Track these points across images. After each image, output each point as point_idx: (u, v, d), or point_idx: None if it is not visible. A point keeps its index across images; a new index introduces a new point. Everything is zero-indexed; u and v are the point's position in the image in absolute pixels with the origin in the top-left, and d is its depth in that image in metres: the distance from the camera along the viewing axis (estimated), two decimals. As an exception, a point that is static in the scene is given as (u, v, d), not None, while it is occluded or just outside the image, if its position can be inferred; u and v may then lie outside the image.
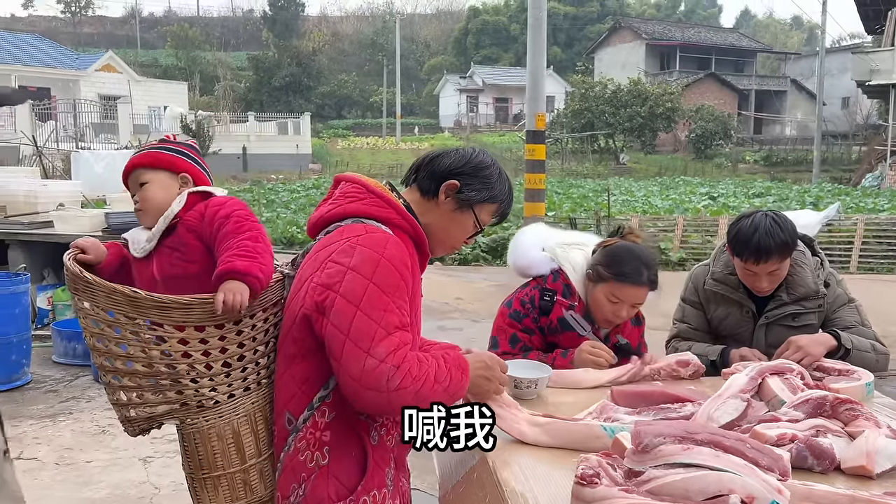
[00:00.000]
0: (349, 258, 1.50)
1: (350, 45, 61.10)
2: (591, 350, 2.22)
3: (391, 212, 1.61)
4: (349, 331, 1.45)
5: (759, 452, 1.38)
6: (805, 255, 2.50)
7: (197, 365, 1.58)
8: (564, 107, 38.41)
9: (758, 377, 1.86)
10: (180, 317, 1.55)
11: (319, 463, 1.55)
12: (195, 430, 1.62)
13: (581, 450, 1.57)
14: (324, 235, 1.63)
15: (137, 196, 1.85)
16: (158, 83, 36.46)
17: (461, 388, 1.57)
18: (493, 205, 1.72)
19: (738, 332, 2.54)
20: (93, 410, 4.65)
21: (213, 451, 1.62)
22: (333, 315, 1.47)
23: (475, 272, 10.51)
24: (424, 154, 1.78)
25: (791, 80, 44.18)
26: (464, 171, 1.68)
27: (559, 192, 21.22)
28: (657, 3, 66.75)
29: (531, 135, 10.84)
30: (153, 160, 1.87)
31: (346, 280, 1.48)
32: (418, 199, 1.70)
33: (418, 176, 1.72)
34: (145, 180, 1.84)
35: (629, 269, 2.22)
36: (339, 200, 1.66)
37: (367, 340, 1.44)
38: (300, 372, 1.57)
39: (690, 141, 35.93)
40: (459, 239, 1.74)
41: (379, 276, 1.49)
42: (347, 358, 1.44)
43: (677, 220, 12.27)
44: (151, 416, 1.63)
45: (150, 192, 1.83)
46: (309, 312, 1.52)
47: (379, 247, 1.52)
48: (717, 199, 19.17)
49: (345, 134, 44.43)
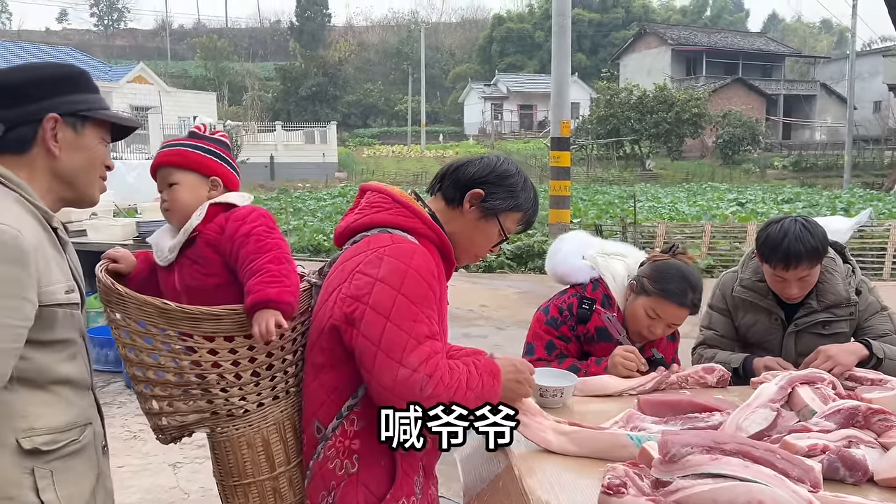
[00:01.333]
0: (377, 269, 1.51)
1: (375, 54, 61.58)
2: (624, 355, 2.19)
3: (417, 222, 1.62)
4: (380, 342, 1.46)
5: (790, 463, 1.36)
6: (836, 263, 2.46)
7: (227, 374, 1.60)
8: (589, 113, 38.22)
9: (787, 386, 1.83)
10: (210, 327, 1.57)
11: (349, 471, 1.56)
12: (226, 439, 1.64)
13: (607, 459, 1.57)
14: (350, 245, 1.65)
15: (165, 195, 1.79)
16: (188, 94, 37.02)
17: (494, 393, 1.57)
18: (518, 213, 1.72)
19: (767, 339, 2.51)
20: (124, 416, 4.72)
21: (244, 459, 1.64)
22: (364, 326, 1.48)
23: (500, 279, 10.49)
24: (449, 163, 1.78)
25: (821, 84, 43.48)
26: (488, 180, 1.68)
27: (584, 198, 21.11)
28: (682, 8, 66.30)
29: (556, 142, 10.83)
30: (183, 160, 1.79)
31: (375, 292, 1.49)
32: (443, 207, 1.70)
33: (443, 185, 1.73)
34: (174, 181, 1.78)
35: (674, 288, 2.21)
36: (366, 210, 1.67)
37: (399, 351, 1.45)
38: (329, 381, 1.59)
39: (718, 146, 35.53)
40: (484, 247, 1.74)
41: (407, 287, 1.50)
42: (380, 369, 1.46)
43: (705, 227, 12.14)
44: (182, 424, 1.65)
45: (179, 194, 1.78)
46: (338, 323, 1.53)
47: (406, 257, 1.53)
48: (746, 205, 18.91)
49: (370, 142, 44.72)
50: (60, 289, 1.43)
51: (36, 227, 1.42)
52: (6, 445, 1.39)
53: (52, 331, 1.43)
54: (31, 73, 1.50)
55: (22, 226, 1.37)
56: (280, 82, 48.24)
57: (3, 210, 1.38)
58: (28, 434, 1.40)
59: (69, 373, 1.49)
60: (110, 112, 1.56)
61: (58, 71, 1.52)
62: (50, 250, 1.44)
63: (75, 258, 1.57)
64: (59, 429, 1.45)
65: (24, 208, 1.42)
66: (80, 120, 1.50)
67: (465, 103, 51.81)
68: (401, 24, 66.68)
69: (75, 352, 1.51)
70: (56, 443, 1.44)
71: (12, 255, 1.33)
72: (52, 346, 1.45)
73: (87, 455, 1.52)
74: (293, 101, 45.92)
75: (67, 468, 1.46)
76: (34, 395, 1.43)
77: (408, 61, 53.37)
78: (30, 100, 1.47)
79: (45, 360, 1.44)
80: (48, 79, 1.50)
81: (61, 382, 1.47)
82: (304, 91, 46.21)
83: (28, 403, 1.42)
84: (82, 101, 1.51)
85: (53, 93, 1.49)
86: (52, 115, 1.46)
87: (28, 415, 1.41)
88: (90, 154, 1.53)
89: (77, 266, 1.56)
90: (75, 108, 1.50)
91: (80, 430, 1.50)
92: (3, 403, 1.39)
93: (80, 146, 1.51)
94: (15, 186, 1.43)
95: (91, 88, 1.55)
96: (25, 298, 1.34)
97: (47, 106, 1.47)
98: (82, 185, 1.54)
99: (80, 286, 1.54)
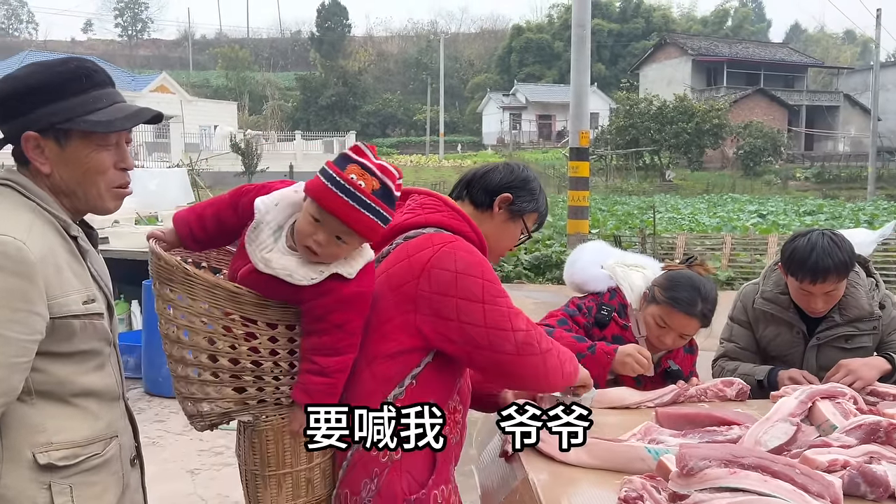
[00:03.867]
0: (453, 263, 1.61)
1: (395, 64, 61.98)
2: (634, 352, 2.12)
3: (465, 225, 1.73)
4: (485, 321, 1.59)
5: (809, 478, 1.35)
6: (859, 276, 2.43)
7: (281, 362, 1.59)
8: (609, 123, 38.13)
9: (808, 401, 1.81)
10: (277, 314, 1.57)
11: (392, 457, 1.59)
12: (269, 427, 1.62)
13: (624, 471, 1.56)
14: (403, 241, 1.69)
15: (323, 240, 1.50)
16: (209, 103, 37.51)
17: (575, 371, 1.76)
18: (536, 213, 1.88)
19: (788, 352, 2.48)
20: (143, 423, 4.71)
21: (284, 449, 1.62)
22: (463, 315, 1.59)
23: (517, 290, 10.46)
24: (472, 170, 1.91)
25: (844, 95, 43.04)
26: (514, 185, 1.83)
27: (603, 209, 21.03)
28: (703, 18, 66.00)
29: (574, 152, 10.80)
30: (369, 233, 1.53)
31: (460, 283, 1.59)
32: (472, 211, 1.82)
33: (471, 190, 1.85)
34: (345, 240, 1.52)
35: (684, 297, 2.19)
36: (418, 210, 1.75)
37: (505, 320, 1.61)
38: (382, 370, 1.62)
39: (739, 157, 35.25)
40: (508, 247, 1.89)
41: (486, 273, 1.64)
42: (496, 343, 1.59)
43: (725, 239, 12.03)
44: (226, 411, 1.61)
45: (339, 253, 1.54)
46: (420, 319, 1.60)
47: (473, 252, 1.66)
48: (767, 216, 18.74)
49: (389, 152, 44.92)
50: (76, 299, 1.40)
51: (51, 236, 1.39)
52: (22, 460, 1.37)
53: (69, 342, 1.40)
54: (10, 87, 1.41)
55: (31, 236, 1.34)
56: (300, 92, 48.75)
57: (13, 220, 1.35)
58: (45, 448, 1.38)
59: (94, 384, 1.46)
60: (90, 119, 1.40)
61: (35, 80, 1.40)
62: (66, 260, 1.41)
63: (101, 266, 1.53)
64: (80, 443, 1.42)
65: (41, 217, 1.39)
66: (60, 133, 1.40)
67: (484, 113, 51.90)
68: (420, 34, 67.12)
69: (101, 362, 1.48)
70: (76, 457, 1.41)
71: (16, 268, 1.30)
72: (73, 358, 1.42)
73: (112, 469, 1.49)
74: (313, 111, 46.34)
75: (89, 482, 1.43)
76: (55, 408, 1.40)
77: (427, 71, 53.63)
78: (11, 115, 1.40)
79: (65, 372, 1.41)
80: (26, 90, 1.40)
81: (85, 395, 1.44)
82: (323, 100, 46.62)
83: (48, 417, 1.39)
84: (60, 110, 1.39)
85: (31, 106, 1.39)
86: (27, 135, 1.39)
87: (47, 429, 1.39)
88: (83, 165, 1.43)
89: (103, 275, 1.52)
90: (51, 122, 1.39)
91: (105, 444, 1.47)
92: (21, 417, 1.37)
93: (69, 159, 1.42)
94: (33, 196, 1.41)
95: (77, 89, 1.41)
96: (32, 311, 1.31)
97: (23, 123, 1.39)
98: (84, 197, 1.46)
99: (108, 295, 1.52)
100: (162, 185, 10.91)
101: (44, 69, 1.42)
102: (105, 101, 1.43)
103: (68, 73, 1.41)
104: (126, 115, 1.44)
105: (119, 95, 1.49)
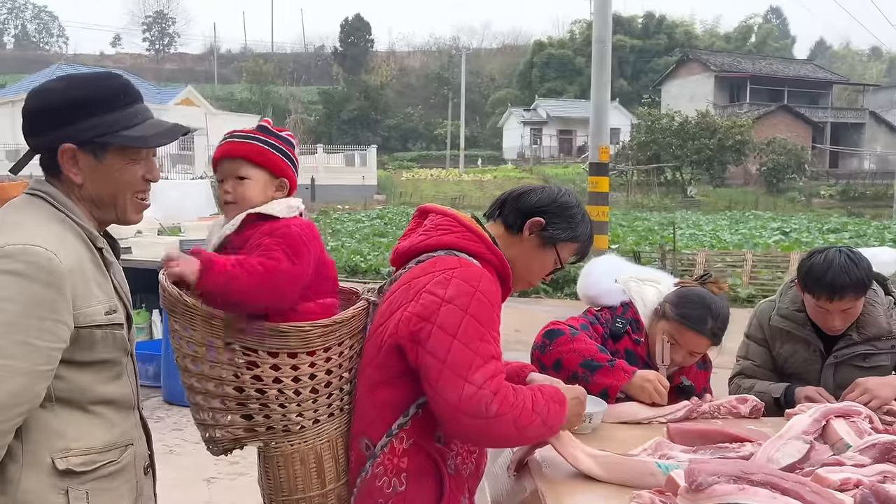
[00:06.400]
0: (444, 290, 1.54)
1: (417, 79, 62.39)
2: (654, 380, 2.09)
3: (481, 246, 1.66)
4: (446, 359, 1.49)
5: (819, 496, 1.34)
6: (878, 294, 2.41)
7: (286, 390, 1.59)
8: (630, 139, 37.99)
9: (822, 419, 1.80)
10: (276, 343, 1.58)
11: (396, 489, 1.58)
12: (279, 454, 1.64)
13: (634, 486, 1.56)
14: (415, 265, 1.66)
15: (230, 187, 1.70)
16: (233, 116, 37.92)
17: (559, 420, 1.60)
18: (575, 244, 1.76)
19: (805, 371, 2.46)
20: (161, 431, 4.81)
21: (295, 475, 1.64)
22: (430, 345, 1.51)
23: (535, 304, 10.43)
24: (511, 189, 1.82)
25: (870, 113, 42.55)
26: (549, 210, 1.72)
27: (624, 224, 20.92)
28: (727, 35, 65.68)
29: (594, 167, 10.81)
30: (258, 156, 1.70)
31: (443, 312, 1.52)
32: (502, 233, 1.74)
33: (503, 210, 1.77)
34: (245, 175, 1.69)
35: (694, 315, 2.18)
36: (431, 232, 1.69)
37: (465, 368, 1.48)
38: (382, 398, 1.61)
39: (762, 174, 34.92)
40: (539, 275, 1.78)
41: (474, 308, 1.53)
42: (444, 385, 1.48)
43: (746, 256, 11.92)
44: (237, 437, 1.64)
45: (248, 191, 1.69)
46: (402, 342, 1.56)
47: (474, 280, 1.57)
48: (790, 234, 18.53)
49: (409, 166, 45.14)
50: (100, 310, 1.43)
51: (79, 248, 1.43)
52: (41, 465, 1.39)
53: (91, 352, 1.43)
54: (46, 99, 1.46)
55: (61, 247, 1.38)
56: (323, 106, 49.20)
57: (43, 231, 1.38)
58: (64, 454, 1.41)
59: (111, 393, 1.49)
60: (129, 135, 1.46)
61: (77, 94, 1.45)
62: (92, 271, 1.44)
63: (122, 278, 1.56)
64: (97, 449, 1.45)
65: (68, 228, 1.43)
66: (98, 146, 1.45)
67: (505, 128, 51.99)
68: (442, 49, 67.54)
69: (119, 372, 1.51)
70: (93, 463, 1.44)
71: (47, 278, 1.34)
72: (93, 367, 1.45)
73: (127, 476, 1.52)
74: (335, 125, 46.74)
75: (105, 489, 1.46)
76: (74, 415, 1.43)
77: (448, 86, 53.95)
78: (46, 128, 1.44)
79: (85, 380, 1.44)
80: (64, 105, 1.44)
81: (103, 403, 1.47)
82: (345, 114, 47.01)
83: (67, 423, 1.42)
84: (100, 124, 1.44)
85: (67, 121, 1.43)
86: (65, 147, 1.43)
87: (66, 435, 1.42)
88: (117, 178, 1.48)
89: (123, 286, 1.56)
90: (91, 136, 1.43)
91: (121, 451, 1.50)
92: (42, 423, 1.40)
93: (103, 171, 1.47)
94: (62, 207, 1.45)
95: (116, 105, 1.46)
96: (58, 320, 1.35)
97: (61, 136, 1.43)
98: (113, 208, 1.51)
99: (127, 306, 1.55)
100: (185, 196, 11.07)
101: (85, 84, 1.47)
102: (140, 116, 1.49)
103: (110, 88, 1.47)
104: (161, 131, 1.52)
105: (150, 111, 1.54)
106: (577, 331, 2.17)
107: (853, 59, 72.20)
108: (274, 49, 69.72)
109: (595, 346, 2.14)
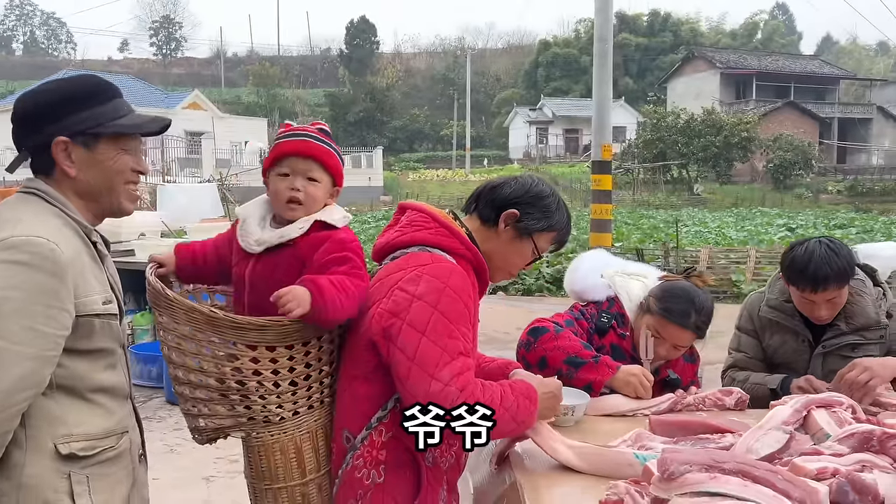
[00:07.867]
0: (415, 287, 1.57)
1: (422, 80, 62.43)
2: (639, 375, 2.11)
3: (455, 241, 1.67)
4: (415, 356, 1.51)
5: (791, 484, 1.34)
6: (865, 285, 2.41)
7: (266, 382, 1.64)
8: (636, 137, 37.88)
9: (803, 409, 1.79)
10: (255, 337, 1.61)
11: (375, 480, 1.61)
12: (260, 444, 1.68)
13: (612, 477, 1.56)
14: (390, 261, 1.69)
15: (301, 186, 1.70)
16: (240, 119, 38.13)
17: (530, 416, 1.61)
18: (552, 233, 1.77)
19: (794, 361, 2.46)
20: (163, 430, 4.85)
21: (276, 465, 1.68)
22: (400, 341, 1.53)
23: (538, 302, 10.43)
24: (484, 183, 1.83)
25: (877, 108, 42.26)
26: (523, 201, 1.73)
27: (629, 222, 20.86)
28: (732, 31, 65.41)
29: (597, 165, 10.78)
30: (330, 162, 1.73)
31: (413, 308, 1.55)
32: (479, 226, 1.76)
33: (479, 204, 1.78)
34: (316, 178, 1.72)
35: (677, 309, 2.19)
36: (406, 228, 1.72)
37: (432, 365, 1.50)
38: (361, 392, 1.64)
39: (768, 171, 34.74)
40: (518, 266, 1.79)
41: (443, 305, 1.55)
42: (413, 382, 1.51)
43: (749, 252, 11.88)
44: (219, 427, 1.71)
45: (318, 193, 1.72)
46: (375, 338, 1.59)
47: (444, 276, 1.58)
48: (796, 230, 18.42)
49: (415, 167, 45.15)
50: (97, 299, 1.49)
51: (75, 240, 1.49)
52: (44, 450, 1.45)
53: (89, 340, 1.49)
54: (35, 100, 1.53)
55: (60, 239, 1.44)
56: (329, 108, 49.28)
57: (43, 223, 1.45)
58: (66, 440, 1.46)
59: (108, 381, 1.54)
60: (120, 123, 1.54)
61: (64, 91, 1.53)
62: (88, 262, 1.51)
63: (114, 271, 1.63)
64: (96, 435, 1.51)
65: (63, 222, 1.49)
66: (90, 137, 1.52)
67: (511, 127, 51.96)
68: (447, 50, 67.48)
69: (114, 361, 1.57)
70: (93, 449, 1.49)
71: (51, 268, 1.40)
72: (90, 355, 1.51)
73: (124, 463, 1.57)
74: (341, 127, 46.78)
75: (103, 474, 1.51)
76: (73, 402, 1.49)
77: (454, 87, 53.90)
78: (38, 126, 1.51)
79: (84, 368, 1.49)
80: (53, 102, 1.52)
81: (100, 391, 1.53)
82: (352, 116, 47.08)
83: (68, 410, 1.48)
84: (90, 117, 1.52)
85: (58, 116, 1.50)
86: (59, 140, 1.49)
87: (67, 421, 1.47)
88: (109, 167, 1.54)
89: (116, 279, 1.62)
90: (82, 128, 1.51)
91: (118, 438, 1.56)
92: (43, 409, 1.45)
93: (95, 162, 1.53)
94: (55, 202, 1.51)
95: (102, 99, 1.54)
96: (62, 308, 1.41)
97: (54, 130, 1.50)
98: (107, 198, 1.57)
99: (119, 298, 1.60)
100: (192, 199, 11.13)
101: (70, 82, 1.56)
102: (125, 109, 1.57)
103: (93, 85, 1.56)
104: (148, 120, 1.61)
105: (130, 105, 1.62)
106: (561, 328, 2.18)
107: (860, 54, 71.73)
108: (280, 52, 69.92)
109: (579, 343, 2.15)
